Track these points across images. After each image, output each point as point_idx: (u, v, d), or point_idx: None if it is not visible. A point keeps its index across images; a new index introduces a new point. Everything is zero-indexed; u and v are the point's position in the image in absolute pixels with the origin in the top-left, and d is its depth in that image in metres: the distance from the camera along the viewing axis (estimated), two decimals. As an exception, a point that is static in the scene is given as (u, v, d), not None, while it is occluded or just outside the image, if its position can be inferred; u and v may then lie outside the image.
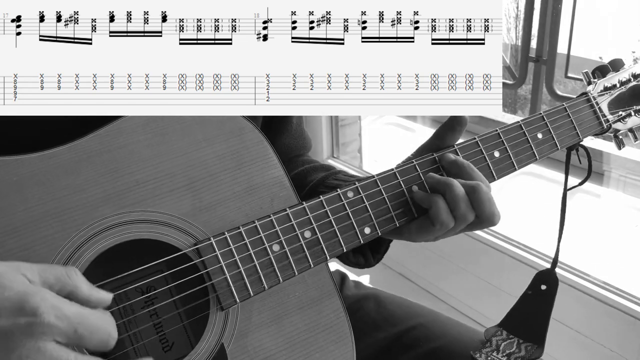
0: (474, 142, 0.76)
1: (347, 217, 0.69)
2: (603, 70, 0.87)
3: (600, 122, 0.85)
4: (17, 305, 0.47)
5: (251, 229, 0.65)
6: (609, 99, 0.86)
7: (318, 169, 0.90)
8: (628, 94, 0.87)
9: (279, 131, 0.91)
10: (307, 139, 0.97)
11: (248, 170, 0.67)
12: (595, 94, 0.85)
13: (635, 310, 1.57)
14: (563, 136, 0.81)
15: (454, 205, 0.69)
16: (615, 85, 0.87)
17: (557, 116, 0.81)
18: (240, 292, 0.63)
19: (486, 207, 0.70)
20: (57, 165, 0.60)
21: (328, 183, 0.84)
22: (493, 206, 0.70)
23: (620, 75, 0.87)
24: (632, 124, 0.88)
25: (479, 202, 0.69)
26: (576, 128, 0.82)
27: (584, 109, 0.84)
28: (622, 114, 0.86)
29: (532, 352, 0.82)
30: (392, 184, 0.71)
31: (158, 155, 0.64)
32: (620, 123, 0.87)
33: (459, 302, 2.07)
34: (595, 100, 0.85)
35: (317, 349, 0.68)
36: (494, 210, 0.70)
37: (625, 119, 0.87)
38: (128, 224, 0.62)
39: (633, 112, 0.87)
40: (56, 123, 0.64)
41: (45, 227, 0.59)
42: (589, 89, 0.86)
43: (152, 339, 0.66)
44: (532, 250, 1.80)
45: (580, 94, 0.86)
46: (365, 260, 0.82)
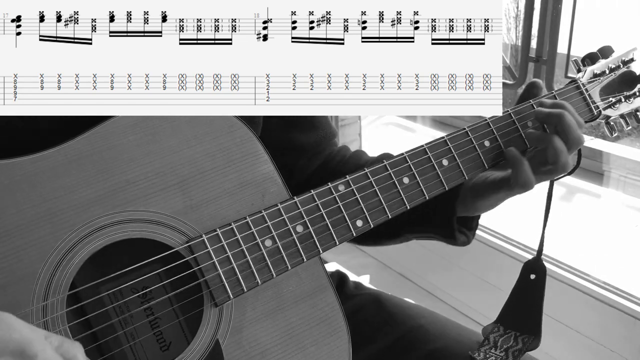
0: (464, 132, 0.76)
1: (338, 210, 0.69)
2: (592, 58, 0.88)
3: (590, 109, 0.85)
4: (20, 347, 0.49)
5: (243, 225, 0.65)
6: (599, 86, 0.86)
7: (362, 153, 0.96)
8: (618, 80, 0.88)
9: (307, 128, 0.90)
10: (332, 127, 0.97)
11: (238, 167, 0.68)
12: (585, 81, 0.86)
13: (635, 310, 1.57)
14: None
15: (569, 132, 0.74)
16: (604, 72, 0.87)
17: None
18: (233, 288, 0.64)
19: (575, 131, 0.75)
20: (47, 167, 0.60)
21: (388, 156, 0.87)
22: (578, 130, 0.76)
23: (609, 62, 0.88)
24: (622, 110, 0.89)
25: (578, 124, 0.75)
26: None
27: (574, 96, 0.84)
28: (612, 100, 0.87)
29: (529, 344, 0.83)
30: (383, 176, 0.72)
31: (148, 154, 0.64)
32: (610, 109, 0.87)
33: (458, 302, 2.07)
34: (585, 87, 0.85)
35: (312, 343, 0.68)
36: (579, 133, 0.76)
37: (616, 105, 0.87)
38: (120, 224, 0.62)
39: (623, 98, 0.87)
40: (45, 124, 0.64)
41: (37, 229, 0.59)
42: (578, 77, 0.87)
43: (149, 338, 0.66)
44: (532, 250, 1.80)
45: (570, 81, 0.87)
46: (467, 237, 0.85)
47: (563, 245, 1.91)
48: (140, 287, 0.65)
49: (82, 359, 0.54)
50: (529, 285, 0.87)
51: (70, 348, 0.54)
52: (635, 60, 0.89)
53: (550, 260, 1.78)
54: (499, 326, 0.87)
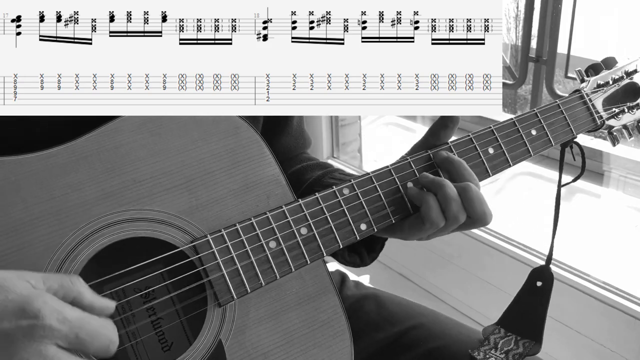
0: (468, 139, 0.76)
1: (343, 214, 0.69)
2: (596, 68, 0.88)
3: (593, 119, 0.85)
4: (19, 308, 0.47)
5: (247, 226, 0.65)
6: (602, 96, 0.87)
7: (315, 167, 0.90)
8: (621, 91, 0.88)
9: (279, 132, 0.91)
10: (307, 137, 0.97)
11: (244, 168, 0.68)
12: (589, 91, 0.86)
13: (635, 310, 1.57)
14: (557, 132, 0.82)
15: (446, 205, 0.69)
16: (608, 82, 0.87)
17: (551, 113, 0.82)
18: (237, 289, 0.64)
19: (477, 206, 0.69)
20: (54, 165, 0.61)
21: (324, 182, 0.84)
22: (484, 205, 0.70)
23: (613, 72, 0.88)
24: (625, 120, 0.89)
25: (470, 202, 0.69)
26: (570, 125, 0.83)
27: (577, 105, 0.84)
28: (615, 111, 0.87)
29: (529, 349, 0.83)
30: (387, 181, 0.72)
31: (154, 154, 0.64)
32: (613, 120, 0.88)
33: (459, 302, 2.07)
34: (589, 97, 0.85)
35: (314, 345, 0.68)
36: (484, 209, 0.70)
37: (619, 115, 0.88)
38: (125, 222, 0.62)
39: (626, 109, 0.88)
40: (52, 124, 0.64)
41: (43, 226, 0.59)
42: (582, 87, 0.87)
43: (151, 337, 0.66)
44: (532, 250, 1.80)
45: (574, 91, 0.87)
46: (361, 259, 0.83)
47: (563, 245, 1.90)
48: (143, 286, 0.65)
49: (87, 293, 0.53)
50: (535, 291, 0.86)
51: (72, 286, 0.52)
52: (639, 71, 0.89)
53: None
54: (499, 328, 0.86)
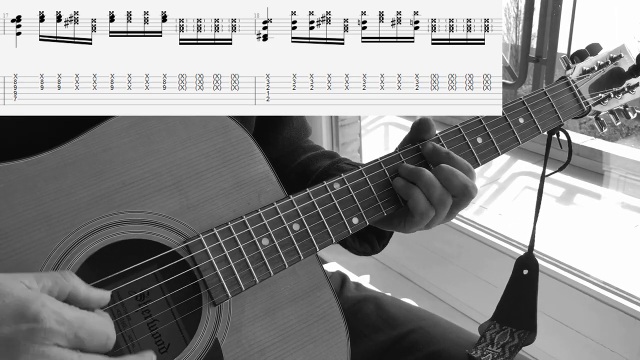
0: (456, 129, 0.76)
1: (334, 208, 0.69)
2: (581, 55, 0.89)
3: (580, 105, 0.86)
4: (18, 311, 0.47)
5: (239, 224, 0.65)
6: (588, 83, 0.88)
7: (321, 156, 0.91)
8: (607, 76, 0.89)
9: (281, 125, 0.91)
10: (307, 127, 0.97)
11: (234, 167, 0.68)
12: (574, 77, 0.87)
13: (635, 310, 1.57)
14: (544, 120, 0.82)
15: (429, 192, 0.69)
16: (593, 68, 0.89)
17: (537, 100, 0.82)
18: (231, 287, 0.64)
19: (455, 182, 0.68)
20: (43, 170, 0.60)
21: (332, 172, 0.84)
22: (461, 178, 0.69)
23: (598, 58, 0.89)
24: (612, 105, 0.90)
25: (447, 181, 0.69)
26: (557, 111, 0.84)
27: (564, 92, 0.85)
28: (601, 96, 0.88)
29: (524, 339, 0.83)
30: (377, 173, 0.72)
31: (143, 156, 0.64)
32: (600, 105, 0.89)
33: (458, 301, 2.07)
34: (575, 84, 0.86)
35: (310, 340, 0.68)
36: (463, 182, 0.69)
37: (605, 100, 0.89)
38: (116, 225, 0.62)
39: (612, 94, 0.89)
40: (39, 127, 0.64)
41: (34, 232, 0.59)
42: (567, 73, 0.88)
43: (147, 339, 0.66)
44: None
45: (560, 78, 0.88)
46: (372, 247, 0.83)
47: (563, 245, 1.91)
48: (137, 288, 0.65)
49: (81, 287, 0.53)
50: (522, 280, 0.88)
51: (65, 282, 0.52)
52: (623, 56, 0.90)
53: (550, 260, 1.78)
54: (494, 323, 0.87)
